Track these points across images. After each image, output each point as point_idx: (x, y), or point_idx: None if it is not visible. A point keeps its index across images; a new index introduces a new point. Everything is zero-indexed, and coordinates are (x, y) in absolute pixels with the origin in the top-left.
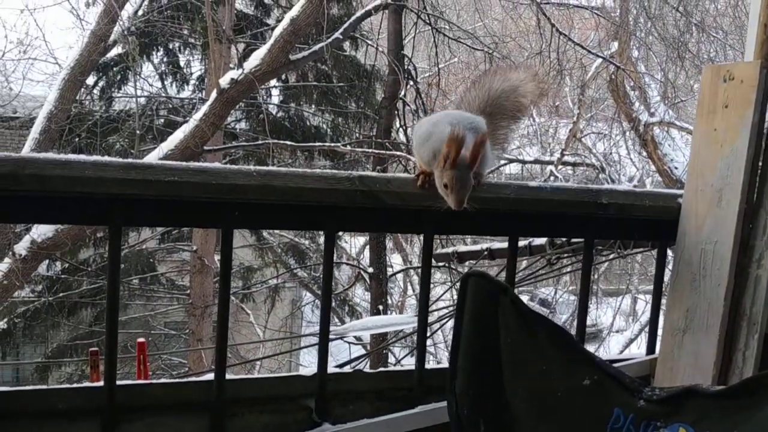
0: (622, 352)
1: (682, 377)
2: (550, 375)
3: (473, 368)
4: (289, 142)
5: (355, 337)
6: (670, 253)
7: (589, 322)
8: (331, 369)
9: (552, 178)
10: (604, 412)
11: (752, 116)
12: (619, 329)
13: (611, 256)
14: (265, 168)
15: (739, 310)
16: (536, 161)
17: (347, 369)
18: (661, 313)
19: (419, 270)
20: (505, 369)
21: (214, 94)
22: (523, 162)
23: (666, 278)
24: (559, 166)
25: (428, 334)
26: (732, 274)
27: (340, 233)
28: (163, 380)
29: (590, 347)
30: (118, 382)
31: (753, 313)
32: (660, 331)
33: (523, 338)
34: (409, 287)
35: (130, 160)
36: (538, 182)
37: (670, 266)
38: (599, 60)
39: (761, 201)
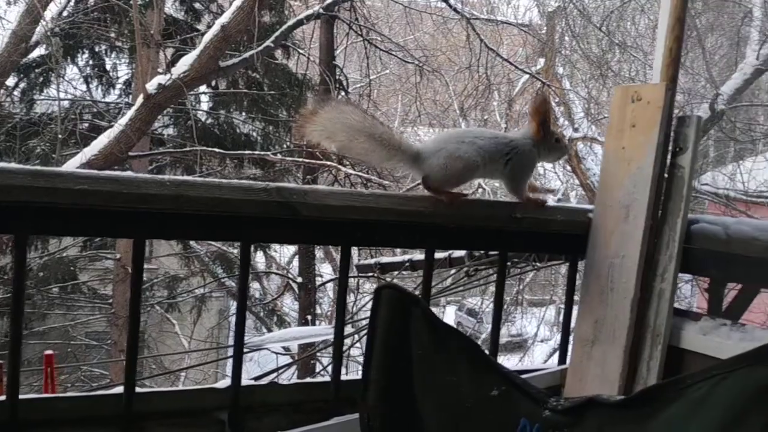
0: (546, 361)
1: (591, 387)
2: (460, 386)
3: (385, 380)
4: (217, 150)
5: (283, 347)
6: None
7: (514, 331)
8: (246, 381)
9: (480, 189)
10: (511, 422)
11: (657, 136)
12: (543, 339)
13: (527, 269)
14: (179, 178)
15: (644, 322)
16: None
17: (264, 381)
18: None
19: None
20: (416, 381)
21: (140, 99)
22: None
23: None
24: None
25: (350, 345)
26: (638, 287)
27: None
28: (69, 393)
29: (515, 357)
30: (22, 396)
31: (657, 324)
32: (571, 342)
33: (434, 350)
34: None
35: (38, 167)
36: None
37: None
38: (526, 76)
39: (665, 217)
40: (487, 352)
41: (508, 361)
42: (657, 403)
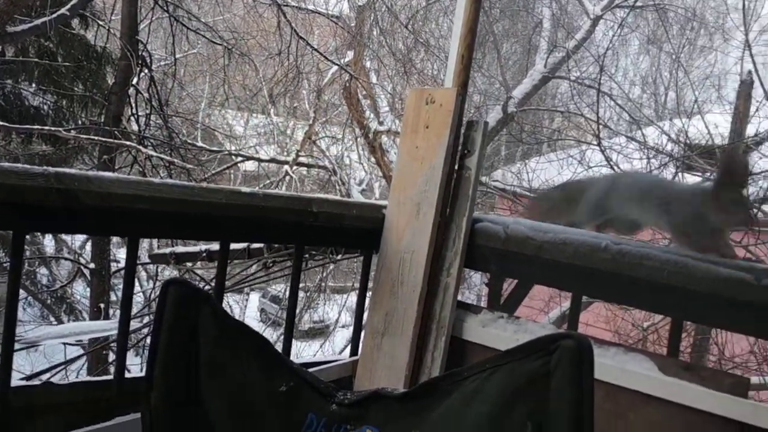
0: (346, 346)
1: (379, 377)
2: (250, 384)
3: (170, 379)
4: (2, 123)
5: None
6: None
7: (316, 318)
8: (17, 381)
9: (287, 177)
10: (299, 417)
11: (448, 138)
12: (345, 324)
13: (322, 261)
14: None
15: (430, 315)
16: (272, 160)
17: (37, 381)
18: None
19: (146, 267)
20: (203, 379)
21: None
22: (260, 160)
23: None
24: (294, 167)
25: (145, 336)
26: (425, 281)
27: None
28: None
29: (317, 343)
30: None
31: (442, 317)
32: (362, 334)
33: (223, 348)
34: (137, 284)
35: None
36: (249, 189)
37: None
38: (335, 67)
39: (452, 215)
40: (279, 347)
41: (310, 348)
42: (436, 395)
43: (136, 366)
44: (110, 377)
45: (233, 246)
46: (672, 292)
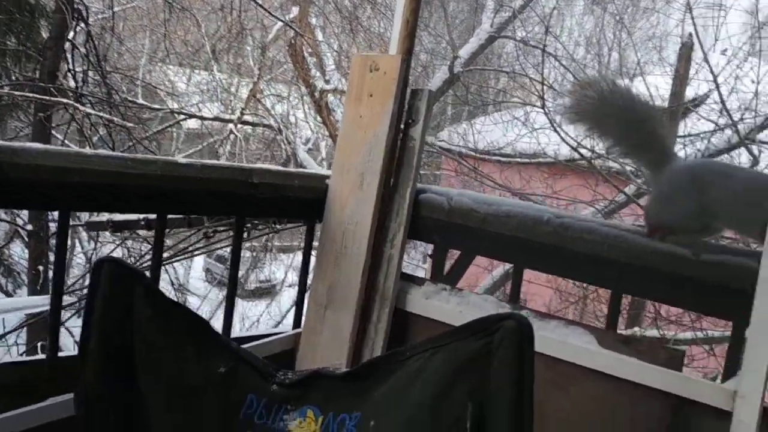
0: (293, 306)
1: (323, 350)
2: (187, 365)
3: (104, 358)
4: None
5: None
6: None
7: (263, 277)
8: None
9: (232, 136)
10: (239, 398)
11: (392, 106)
12: (291, 284)
13: (265, 231)
14: None
15: (374, 286)
16: (216, 119)
17: None
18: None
19: (82, 228)
20: (139, 360)
21: None
22: (203, 118)
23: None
24: (239, 125)
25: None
26: (369, 252)
27: None
28: None
29: (263, 302)
30: None
31: (385, 288)
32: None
33: (158, 329)
34: (78, 246)
35: None
36: (186, 159)
37: None
38: (280, 23)
39: (396, 186)
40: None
41: (256, 308)
42: (379, 375)
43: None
44: (43, 357)
45: (173, 215)
46: (612, 266)
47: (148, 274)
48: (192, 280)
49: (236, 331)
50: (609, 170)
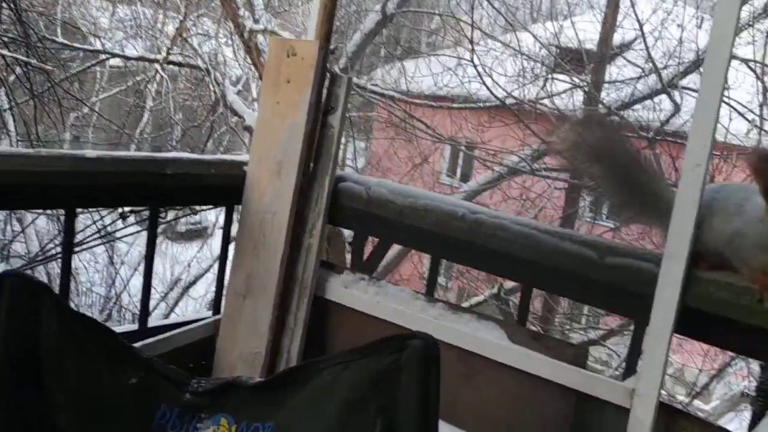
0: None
1: (242, 339)
2: (97, 378)
3: (10, 376)
4: None
5: None
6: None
7: (193, 220)
8: None
9: (158, 76)
10: (151, 408)
11: (311, 94)
12: (222, 226)
13: (181, 215)
14: None
15: (293, 275)
16: (141, 58)
17: None
18: None
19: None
20: (49, 372)
21: None
22: (127, 58)
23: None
24: (166, 65)
25: None
26: (288, 242)
27: None
28: None
29: (195, 245)
30: None
31: (304, 278)
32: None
33: (67, 342)
34: None
35: None
36: (96, 153)
37: None
38: None
39: (315, 175)
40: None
41: (187, 251)
42: (291, 387)
43: None
44: None
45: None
46: (523, 263)
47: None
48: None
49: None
50: (536, 116)
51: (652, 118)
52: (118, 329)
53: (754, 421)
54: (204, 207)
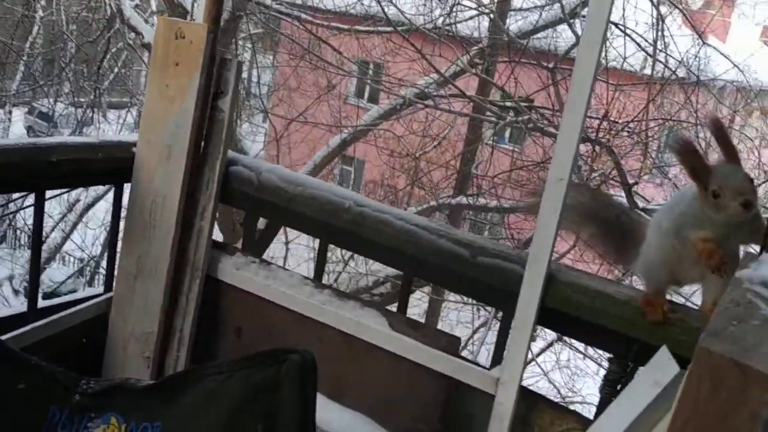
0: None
1: (134, 318)
2: None
3: None
4: None
5: None
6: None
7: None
8: None
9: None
10: (41, 412)
11: (199, 78)
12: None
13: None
14: None
15: (184, 257)
16: None
17: None
18: None
19: None
20: None
21: None
22: None
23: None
24: None
25: None
26: (179, 225)
27: None
28: None
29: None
30: None
31: (196, 259)
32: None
33: None
34: None
35: None
36: None
37: None
38: None
39: (206, 158)
40: (13, 347)
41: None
42: (177, 391)
43: None
44: None
45: None
46: (405, 256)
47: None
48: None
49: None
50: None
51: (554, 47)
52: (6, 312)
53: (601, 408)
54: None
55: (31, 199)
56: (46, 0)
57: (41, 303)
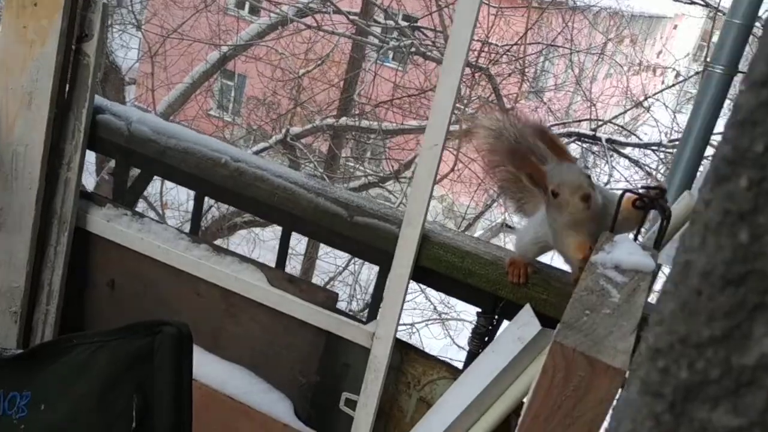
0: None
1: (1, 273)
2: None
3: None
4: None
5: None
6: None
7: None
8: None
9: None
10: None
11: (61, 21)
12: None
13: None
14: None
15: (50, 210)
16: None
17: None
18: None
19: None
20: None
21: None
22: None
23: None
24: None
25: None
26: (43, 176)
27: None
28: None
29: None
30: None
31: (63, 212)
32: None
33: None
34: None
35: None
36: None
37: None
38: None
39: (70, 106)
40: None
41: None
42: (48, 360)
43: None
44: None
45: None
46: (282, 212)
47: None
48: None
49: None
50: None
51: None
52: None
53: (469, 359)
54: None
55: None
56: None
57: None
